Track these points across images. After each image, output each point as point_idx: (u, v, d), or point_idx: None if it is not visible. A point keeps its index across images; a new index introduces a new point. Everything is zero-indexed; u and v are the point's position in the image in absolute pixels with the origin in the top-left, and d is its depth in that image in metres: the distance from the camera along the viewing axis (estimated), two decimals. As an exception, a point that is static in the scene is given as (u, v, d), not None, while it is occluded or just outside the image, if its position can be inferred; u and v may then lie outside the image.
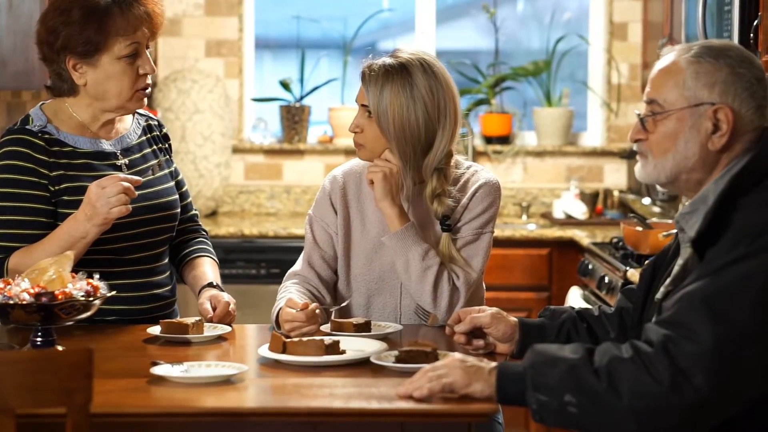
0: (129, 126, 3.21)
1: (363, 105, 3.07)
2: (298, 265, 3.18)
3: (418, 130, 3.03)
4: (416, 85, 3.02)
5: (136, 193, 2.93)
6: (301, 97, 6.20)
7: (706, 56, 2.41)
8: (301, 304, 2.88)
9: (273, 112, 6.28)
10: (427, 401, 2.33)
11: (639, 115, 2.48)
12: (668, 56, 2.46)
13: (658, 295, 2.50)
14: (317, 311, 2.89)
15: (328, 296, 3.14)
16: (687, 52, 2.43)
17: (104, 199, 2.87)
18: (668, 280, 2.49)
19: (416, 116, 3.02)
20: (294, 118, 6.15)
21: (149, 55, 3.07)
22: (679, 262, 2.48)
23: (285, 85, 6.18)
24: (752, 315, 2.22)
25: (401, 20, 6.41)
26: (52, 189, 3.02)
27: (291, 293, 3.04)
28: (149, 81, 3.08)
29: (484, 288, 3.24)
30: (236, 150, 6.17)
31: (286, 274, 3.18)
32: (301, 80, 6.22)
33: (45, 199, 3.01)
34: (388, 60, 3.06)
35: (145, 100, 3.11)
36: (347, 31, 6.34)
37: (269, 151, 6.20)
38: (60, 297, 2.56)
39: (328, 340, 2.66)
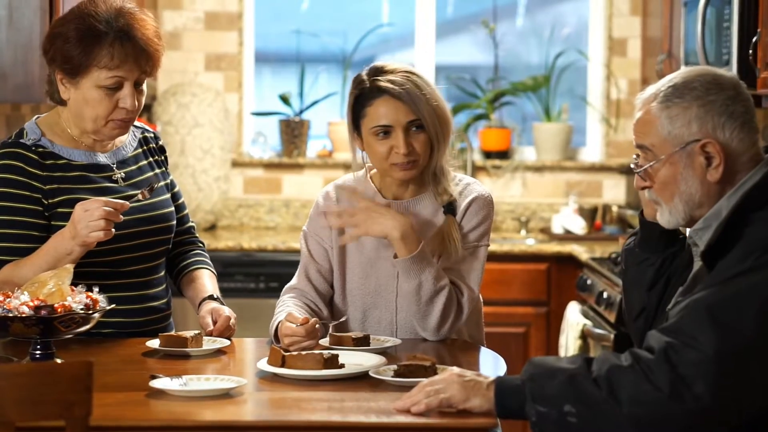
0: (125, 138, 3.21)
1: (411, 121, 3.02)
2: (294, 280, 3.18)
3: (451, 126, 3.10)
4: (433, 85, 3.07)
5: (122, 217, 2.92)
6: (301, 111, 6.20)
7: (672, 97, 2.43)
8: (301, 318, 2.88)
9: (272, 126, 6.29)
10: (426, 415, 2.33)
11: (634, 169, 2.51)
12: (640, 105, 2.50)
13: (669, 307, 2.50)
14: (317, 326, 2.89)
15: (325, 310, 3.14)
16: (654, 99, 2.46)
17: (85, 222, 2.87)
18: (680, 290, 2.50)
19: (448, 113, 3.09)
20: (293, 132, 6.15)
21: (138, 89, 3.02)
22: (690, 275, 2.49)
23: (284, 99, 6.19)
24: (755, 327, 2.23)
25: (401, 35, 6.42)
26: (46, 203, 3.02)
27: (289, 307, 3.04)
28: (129, 114, 3.03)
29: (482, 301, 3.24)
30: (235, 164, 6.17)
31: (284, 289, 3.19)
32: (301, 94, 6.23)
33: (38, 213, 3.01)
34: (397, 75, 3.04)
35: (126, 129, 3.08)
36: (347, 46, 6.35)
37: (268, 165, 6.21)
38: (59, 310, 2.56)
39: (326, 354, 2.66)
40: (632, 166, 2.52)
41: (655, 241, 2.68)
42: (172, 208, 3.23)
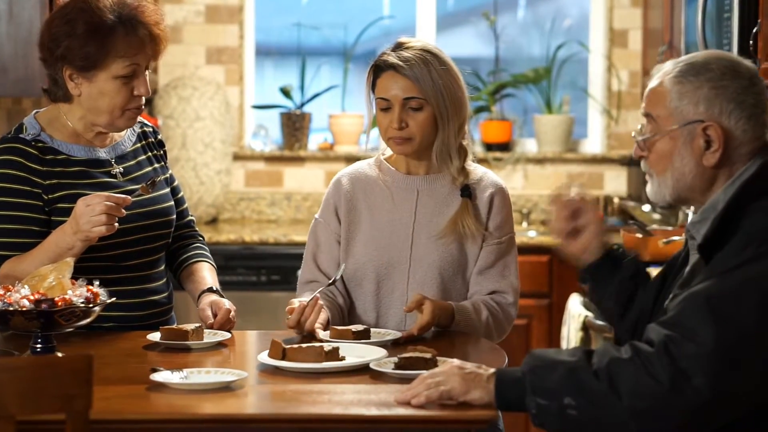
0: (124, 133, 3.21)
1: (407, 98, 3.07)
2: (308, 274, 3.22)
3: (463, 106, 3.12)
4: (448, 64, 3.11)
5: (124, 212, 2.93)
6: (302, 104, 6.20)
7: (688, 75, 2.43)
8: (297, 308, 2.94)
9: (273, 119, 6.29)
10: (426, 408, 2.33)
11: (634, 136, 2.51)
12: (656, 75, 2.49)
13: (667, 302, 2.50)
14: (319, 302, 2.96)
15: (340, 296, 3.17)
16: (671, 71, 2.46)
17: (87, 217, 2.87)
18: (677, 283, 2.50)
19: (461, 92, 3.12)
20: (294, 125, 6.15)
21: (147, 76, 3.07)
22: (688, 268, 2.49)
23: (285, 92, 6.19)
24: (755, 318, 2.22)
25: (402, 27, 6.41)
26: (46, 198, 3.02)
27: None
28: (143, 102, 3.08)
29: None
30: (237, 157, 6.17)
31: (299, 285, 3.23)
32: (302, 87, 6.22)
33: (38, 208, 3.01)
34: (411, 51, 3.09)
35: (137, 118, 3.12)
36: (348, 38, 6.34)
37: (270, 158, 6.21)
38: (60, 303, 2.56)
39: (327, 346, 2.66)
40: (633, 134, 2.53)
41: (597, 282, 2.72)
42: (172, 203, 3.23)
